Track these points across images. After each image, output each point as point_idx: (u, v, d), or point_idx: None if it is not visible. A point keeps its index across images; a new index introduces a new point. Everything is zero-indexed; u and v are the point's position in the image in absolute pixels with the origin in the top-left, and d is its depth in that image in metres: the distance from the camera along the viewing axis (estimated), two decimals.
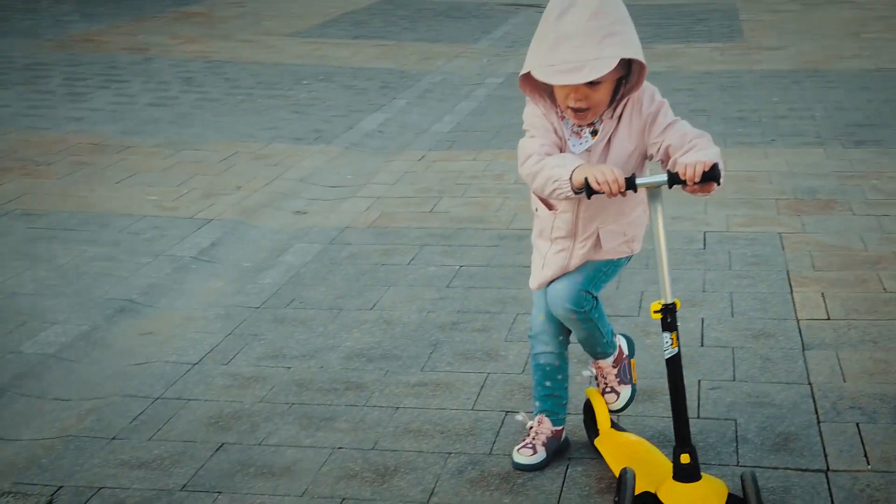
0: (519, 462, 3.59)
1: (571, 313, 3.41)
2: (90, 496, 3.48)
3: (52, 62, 11.30)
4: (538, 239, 3.50)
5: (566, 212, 3.38)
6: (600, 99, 3.21)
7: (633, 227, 3.46)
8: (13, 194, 6.72)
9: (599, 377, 3.69)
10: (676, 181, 3.15)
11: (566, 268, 3.43)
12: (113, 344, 4.69)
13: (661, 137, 3.25)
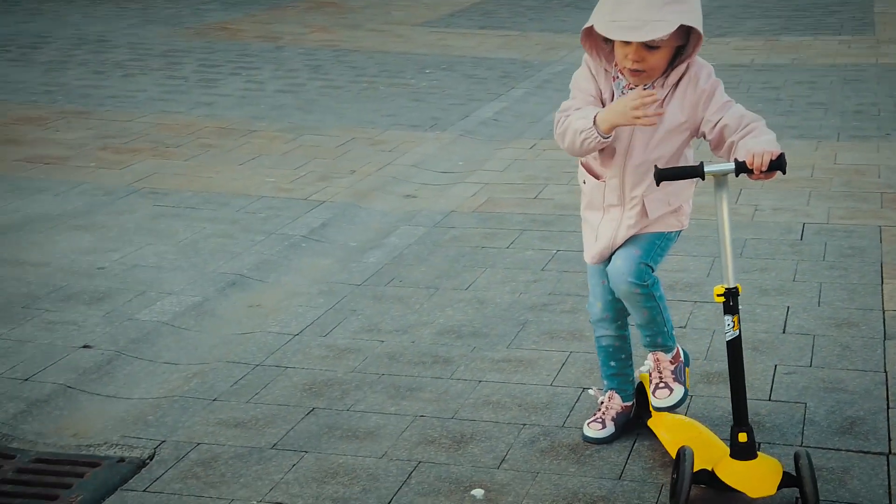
0: (588, 435, 3.75)
1: (635, 287, 3.50)
2: (188, 451, 3.77)
3: (188, 49, 11.77)
4: (588, 211, 3.62)
5: (614, 178, 3.49)
6: (656, 63, 3.33)
7: (676, 195, 3.53)
8: (143, 174, 7.11)
9: (654, 371, 3.70)
10: (743, 169, 3.27)
11: (615, 238, 3.54)
12: (222, 314, 5.00)
13: (718, 115, 3.37)
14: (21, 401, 4.11)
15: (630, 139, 3.41)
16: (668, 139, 3.42)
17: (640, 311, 3.60)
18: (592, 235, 3.63)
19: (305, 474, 3.60)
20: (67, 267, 5.47)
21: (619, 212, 3.53)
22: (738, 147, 3.31)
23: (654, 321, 3.62)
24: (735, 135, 3.33)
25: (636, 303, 3.58)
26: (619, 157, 3.45)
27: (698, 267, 5.40)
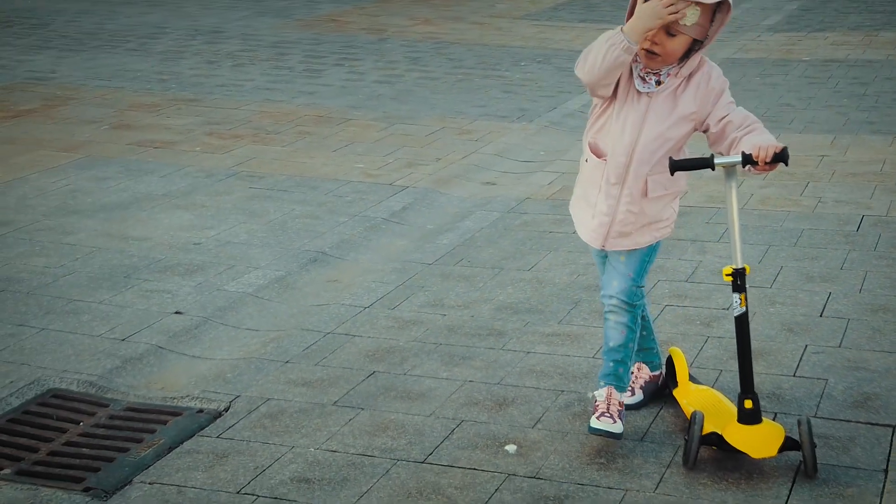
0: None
1: (623, 305, 3.82)
2: (259, 405, 4.21)
3: (296, 41, 12.30)
4: (589, 188, 3.85)
5: (622, 156, 3.72)
6: (673, 50, 3.61)
7: (674, 182, 3.78)
8: (242, 158, 7.62)
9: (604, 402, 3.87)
10: (749, 161, 3.58)
11: (614, 216, 3.78)
12: (302, 287, 5.44)
13: (724, 111, 3.67)
14: (117, 358, 4.61)
15: (642, 123, 3.70)
16: (679, 125, 3.70)
17: (618, 332, 3.88)
18: (589, 213, 3.86)
19: (360, 427, 4.02)
20: (167, 242, 5.98)
21: (617, 190, 3.77)
22: (741, 142, 3.61)
23: (625, 348, 3.89)
24: (738, 131, 3.64)
25: (619, 322, 3.87)
26: (629, 140, 3.71)
27: (751, 254, 5.67)
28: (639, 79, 3.69)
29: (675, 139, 3.72)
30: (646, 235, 3.83)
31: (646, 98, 3.69)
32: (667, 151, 3.71)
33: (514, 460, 3.78)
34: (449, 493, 3.59)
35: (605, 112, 3.74)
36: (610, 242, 3.83)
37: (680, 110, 3.70)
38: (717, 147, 3.74)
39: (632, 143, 3.72)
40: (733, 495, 3.53)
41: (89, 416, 4.19)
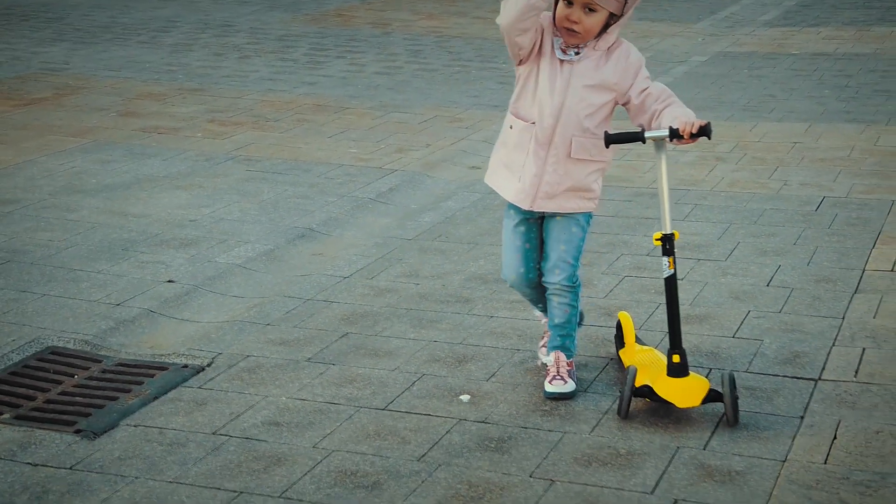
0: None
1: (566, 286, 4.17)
2: (239, 361, 4.58)
3: (302, 34, 12.68)
4: (514, 154, 4.14)
5: (550, 118, 4.02)
6: (591, 26, 3.94)
7: (599, 150, 4.09)
8: (241, 143, 7.99)
9: (553, 366, 4.23)
10: (676, 135, 3.92)
11: (541, 177, 4.08)
12: (288, 260, 5.81)
13: (644, 85, 4.02)
14: (112, 320, 4.98)
15: (566, 89, 4.02)
16: (601, 92, 4.03)
17: (562, 310, 4.23)
18: (515, 177, 4.15)
19: (328, 380, 4.39)
20: (164, 219, 6.36)
21: (544, 151, 4.08)
22: (661, 115, 3.95)
23: (570, 323, 4.25)
24: (657, 104, 3.98)
25: (562, 302, 4.22)
26: (555, 103, 4.02)
27: (711, 231, 6.01)
28: (559, 50, 4.03)
29: (598, 105, 4.05)
30: (571, 201, 4.14)
31: (568, 65, 4.02)
32: (590, 115, 4.04)
33: (467, 408, 4.14)
34: (404, 435, 3.95)
35: (527, 82, 4.08)
36: (538, 203, 4.14)
37: (602, 78, 4.03)
38: (638, 119, 4.08)
39: (559, 106, 4.03)
40: (660, 437, 3.88)
41: (83, 370, 4.57)
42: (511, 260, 4.30)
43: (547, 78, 4.05)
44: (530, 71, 4.07)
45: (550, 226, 4.22)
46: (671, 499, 3.51)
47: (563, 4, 3.98)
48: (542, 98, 4.06)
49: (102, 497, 3.59)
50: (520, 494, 3.56)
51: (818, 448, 3.77)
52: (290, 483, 3.65)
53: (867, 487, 3.53)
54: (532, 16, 3.89)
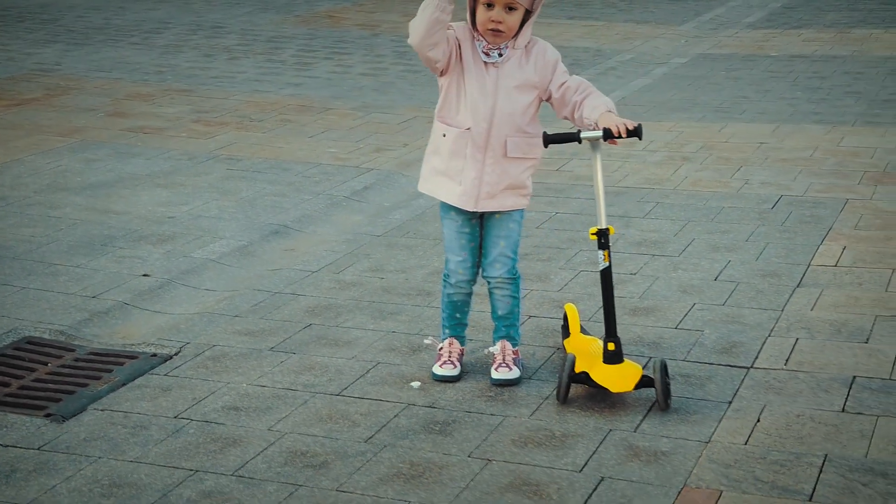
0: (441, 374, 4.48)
1: (507, 280, 4.40)
2: (205, 350, 4.81)
3: (292, 36, 12.92)
4: (451, 159, 4.35)
5: (483, 122, 4.24)
6: (513, 24, 4.19)
7: (531, 147, 4.33)
8: (224, 143, 8.23)
9: (500, 354, 4.47)
10: (610, 135, 4.16)
11: (481, 179, 4.30)
12: (261, 255, 6.04)
13: (563, 79, 4.27)
14: (86, 312, 5.22)
15: (496, 91, 4.24)
16: (527, 92, 4.26)
17: (505, 302, 4.47)
18: (454, 182, 4.35)
19: (288, 368, 4.62)
20: (144, 215, 6.59)
21: (482, 154, 4.30)
22: (582, 106, 4.20)
23: (513, 313, 4.49)
24: (577, 95, 4.23)
25: (504, 294, 4.45)
26: (487, 106, 4.25)
27: (669, 228, 6.24)
28: (483, 54, 4.26)
29: (526, 104, 4.28)
30: (509, 199, 4.37)
31: (493, 68, 4.25)
32: (520, 114, 4.27)
33: (417, 394, 4.37)
34: (354, 419, 4.18)
35: (452, 90, 4.31)
36: (481, 203, 4.34)
37: (526, 77, 4.26)
38: (561, 112, 4.31)
39: (490, 109, 4.25)
40: (594, 420, 4.11)
41: (57, 359, 4.80)
42: (459, 258, 4.49)
43: (475, 83, 4.27)
44: (452, 79, 4.30)
45: (490, 224, 4.44)
46: (598, 477, 3.74)
47: (483, 9, 4.21)
48: (474, 103, 4.27)
49: (67, 475, 3.82)
50: (457, 473, 3.79)
51: (741, 430, 4.00)
52: (243, 462, 3.89)
53: (781, 466, 3.75)
54: (438, 30, 4.12)
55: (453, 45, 4.25)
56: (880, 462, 3.76)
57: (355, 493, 3.68)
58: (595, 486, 3.68)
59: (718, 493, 3.61)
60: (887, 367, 4.45)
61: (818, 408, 4.15)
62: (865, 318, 4.93)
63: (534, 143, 4.36)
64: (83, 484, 3.77)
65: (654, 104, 9.51)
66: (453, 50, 4.25)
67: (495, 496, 3.64)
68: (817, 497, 3.57)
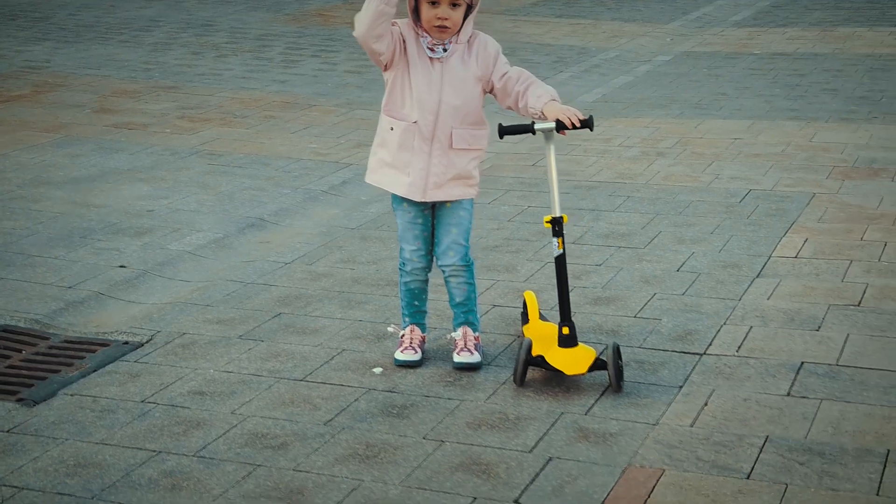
0: (402, 359, 4.62)
1: (461, 268, 4.55)
2: (175, 338, 4.94)
3: (280, 34, 13.05)
4: (399, 152, 4.48)
5: (430, 115, 4.38)
6: (457, 19, 4.32)
7: (476, 138, 4.48)
8: (207, 139, 8.35)
9: (462, 340, 4.62)
10: (563, 126, 4.29)
11: (428, 169, 4.43)
12: (236, 248, 6.17)
13: (504, 69, 4.41)
14: (62, 301, 5.34)
15: (441, 85, 4.38)
16: (472, 85, 4.40)
17: (461, 289, 4.61)
18: (402, 174, 4.48)
19: (256, 355, 4.75)
20: (124, 209, 6.72)
21: (428, 146, 4.44)
22: (526, 95, 4.35)
23: (470, 299, 4.63)
24: (518, 85, 4.38)
25: (460, 281, 4.59)
26: (434, 100, 4.38)
27: (637, 221, 6.36)
28: (428, 50, 4.39)
29: (471, 98, 4.42)
30: (457, 188, 4.50)
31: (438, 63, 4.38)
32: (465, 107, 4.40)
33: (378, 379, 4.50)
34: (316, 402, 4.31)
35: (397, 84, 4.43)
36: (429, 194, 4.48)
37: (470, 72, 4.40)
38: (505, 102, 4.45)
39: (437, 102, 4.39)
40: (548, 403, 4.23)
41: (31, 346, 4.93)
42: (413, 247, 4.62)
43: (421, 77, 4.40)
44: (397, 74, 4.43)
45: (441, 213, 4.58)
46: (547, 457, 3.86)
47: (427, 7, 4.33)
48: (421, 96, 4.40)
49: (34, 456, 3.95)
50: (410, 453, 3.91)
51: (688, 413, 4.13)
52: (205, 444, 4.01)
53: (723, 447, 3.88)
54: (383, 22, 4.24)
55: (397, 39, 4.38)
56: (819, 443, 3.89)
57: (311, 473, 3.81)
58: (543, 466, 3.80)
59: (661, 471, 3.74)
60: (835, 354, 4.58)
61: (764, 392, 4.28)
62: (819, 308, 5.05)
63: (479, 135, 4.49)
64: (49, 464, 3.89)
65: (634, 101, 9.63)
66: (397, 45, 4.38)
67: (445, 475, 3.77)
68: (754, 475, 3.70)
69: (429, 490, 3.68)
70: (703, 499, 3.58)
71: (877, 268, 5.52)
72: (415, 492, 3.67)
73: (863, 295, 5.18)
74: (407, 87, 4.42)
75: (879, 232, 6.03)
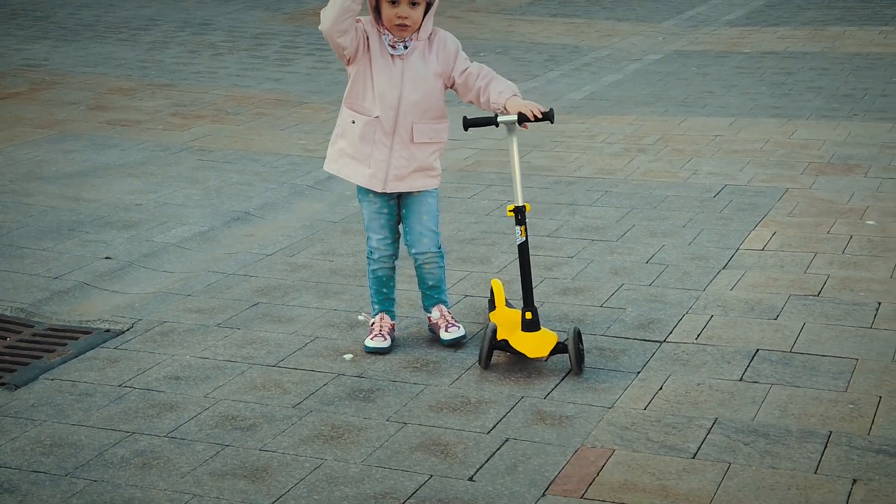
0: (372, 346, 4.78)
1: (434, 254, 4.73)
2: (155, 326, 5.10)
3: (277, 32, 13.21)
4: (360, 145, 4.64)
5: (391, 110, 4.55)
6: (417, 18, 4.48)
7: (436, 132, 4.65)
8: (198, 135, 8.52)
9: (442, 318, 4.84)
10: (525, 119, 4.45)
11: (389, 162, 4.59)
12: (220, 241, 6.33)
13: (464, 65, 4.60)
14: (47, 291, 5.51)
15: (402, 81, 4.54)
16: (432, 81, 4.57)
17: (433, 274, 4.80)
18: (363, 165, 4.65)
19: (231, 342, 4.91)
20: (113, 203, 6.88)
21: (389, 139, 4.60)
22: (488, 90, 4.52)
23: (441, 280, 4.83)
24: (479, 81, 4.56)
25: (433, 267, 4.78)
26: (394, 96, 4.55)
27: (612, 216, 6.51)
28: (390, 47, 4.55)
29: (432, 93, 4.59)
30: (419, 180, 4.67)
31: (399, 60, 4.54)
32: (426, 102, 4.57)
33: (348, 365, 4.66)
34: (286, 387, 4.47)
35: (359, 79, 4.59)
36: (389, 185, 4.65)
37: (431, 69, 4.57)
38: (466, 97, 4.61)
39: (397, 98, 4.56)
40: (510, 388, 4.39)
41: (16, 334, 5.09)
42: (380, 235, 4.80)
43: (383, 73, 4.56)
44: (360, 69, 4.58)
45: (408, 203, 4.74)
46: (504, 438, 4.02)
47: (387, 6, 4.48)
48: (382, 92, 4.56)
49: (12, 437, 4.11)
50: (373, 434, 4.07)
51: (642, 397, 4.28)
52: (177, 426, 4.17)
53: (673, 428, 4.03)
54: (348, 17, 4.41)
55: (361, 36, 4.54)
56: (764, 425, 4.04)
57: (276, 453, 3.96)
58: (499, 446, 3.96)
59: (611, 451, 3.89)
60: (790, 341, 4.73)
61: (718, 377, 4.43)
62: (779, 297, 5.20)
63: (440, 129, 4.65)
64: (26, 444, 4.06)
65: (621, 98, 9.77)
66: (361, 40, 4.55)
67: (405, 454, 3.92)
68: (700, 455, 3.85)
69: (388, 468, 3.84)
70: (650, 477, 3.73)
71: (840, 260, 5.67)
72: (374, 469, 3.83)
73: (823, 286, 5.33)
74: (369, 82, 4.58)
75: (846, 226, 6.18)
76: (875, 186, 6.90)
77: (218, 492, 3.73)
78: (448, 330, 4.83)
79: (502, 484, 3.72)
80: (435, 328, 4.89)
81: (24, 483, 3.81)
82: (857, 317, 4.96)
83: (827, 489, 3.61)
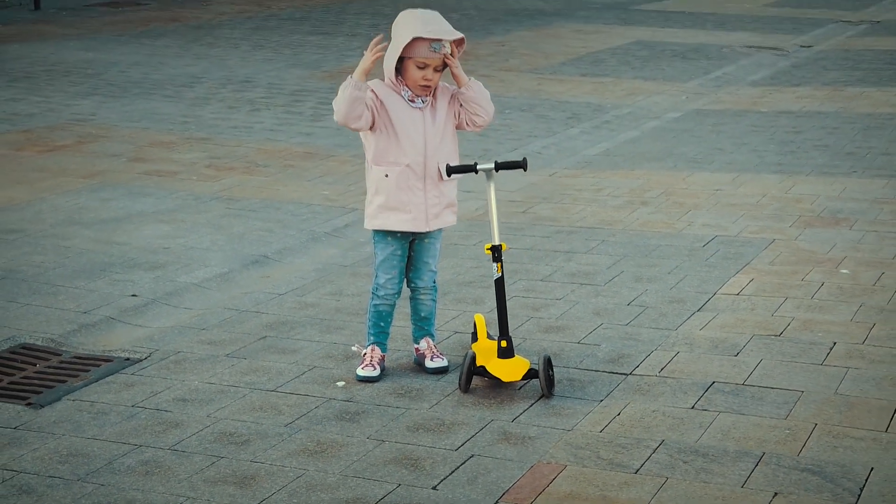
0: (363, 375, 5.25)
1: (431, 290, 5.31)
2: (170, 355, 5.61)
3: (315, 90, 13.82)
4: (397, 194, 5.11)
5: (419, 156, 5.09)
6: (438, 80, 5.10)
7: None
8: (227, 186, 9.07)
9: (429, 350, 5.36)
10: (503, 167, 4.97)
11: (426, 204, 5.13)
12: (238, 281, 6.84)
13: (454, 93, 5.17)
14: (76, 324, 6.04)
15: (424, 128, 5.08)
16: (446, 123, 5.16)
17: (427, 305, 5.36)
18: (403, 213, 5.14)
19: (237, 370, 5.40)
20: (142, 246, 7.43)
21: (422, 183, 5.14)
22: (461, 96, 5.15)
23: (432, 313, 5.38)
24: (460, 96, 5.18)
25: (428, 301, 5.35)
26: (421, 142, 5.08)
27: (604, 262, 6.95)
28: (410, 101, 5.10)
29: (448, 134, 5.19)
30: (448, 216, 5.28)
31: (419, 112, 5.10)
32: (446, 142, 5.16)
33: (339, 391, 5.13)
34: (281, 409, 4.94)
35: (382, 137, 5.11)
36: (430, 223, 5.21)
37: (443, 113, 5.15)
38: (467, 115, 5.20)
39: (424, 145, 5.11)
40: (482, 411, 4.84)
41: (45, 361, 5.62)
42: (389, 275, 5.31)
43: (407, 125, 5.09)
44: (380, 128, 5.11)
45: (420, 247, 5.31)
46: (469, 454, 4.47)
47: (415, 69, 5.04)
48: (410, 141, 5.10)
49: (34, 447, 4.61)
50: (353, 450, 4.53)
51: (601, 422, 4.71)
52: (180, 440, 4.66)
53: (622, 448, 4.46)
54: (359, 104, 4.99)
55: (373, 106, 5.08)
56: (705, 446, 4.45)
57: (265, 464, 4.43)
58: (464, 461, 4.40)
59: (563, 466, 4.32)
60: (744, 375, 5.14)
61: (672, 405, 4.85)
62: (743, 337, 5.62)
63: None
64: (45, 454, 4.56)
65: (633, 154, 10.23)
66: (374, 109, 5.08)
67: (378, 467, 4.38)
68: (642, 470, 4.27)
69: (361, 478, 4.30)
70: (594, 488, 4.16)
71: (807, 304, 6.07)
72: (350, 479, 4.29)
73: (786, 327, 5.73)
74: (392, 137, 5.12)
75: (820, 273, 6.58)
76: (857, 238, 7.30)
77: (209, 495, 4.20)
78: (433, 360, 5.33)
79: (462, 493, 4.16)
80: (421, 358, 5.36)
81: (40, 486, 4.31)
82: (811, 354, 5.36)
83: (749, 500, 4.02)
